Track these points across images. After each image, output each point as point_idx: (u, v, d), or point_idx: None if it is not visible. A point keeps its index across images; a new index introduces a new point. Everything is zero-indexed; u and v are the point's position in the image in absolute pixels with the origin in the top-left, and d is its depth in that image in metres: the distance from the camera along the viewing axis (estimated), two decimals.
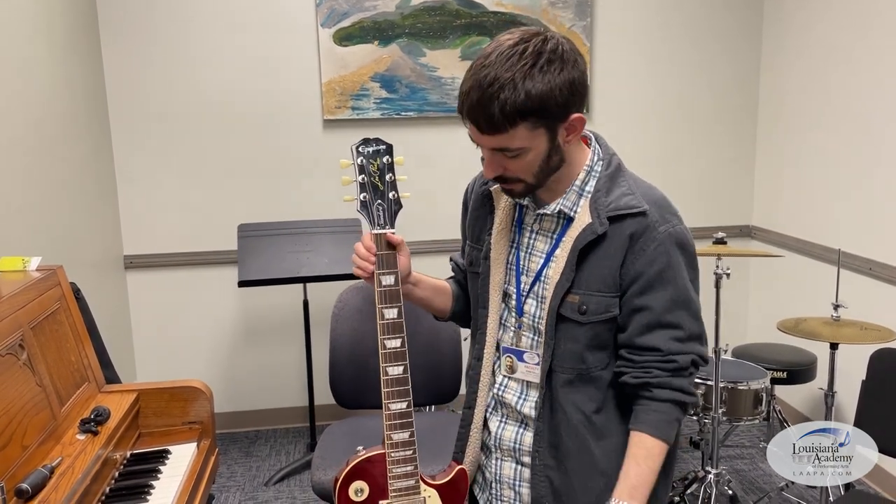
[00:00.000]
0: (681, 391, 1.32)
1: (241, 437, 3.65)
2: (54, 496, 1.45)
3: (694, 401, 1.35)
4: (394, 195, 1.41)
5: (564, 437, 1.36)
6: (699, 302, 1.35)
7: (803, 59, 3.45)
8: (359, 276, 1.42)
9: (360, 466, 1.46)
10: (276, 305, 3.59)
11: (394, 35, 3.46)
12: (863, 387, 2.34)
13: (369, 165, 1.40)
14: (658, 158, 3.73)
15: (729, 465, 3.24)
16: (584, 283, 1.30)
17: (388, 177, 1.41)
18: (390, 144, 1.41)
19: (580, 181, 1.33)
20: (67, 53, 2.93)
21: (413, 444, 1.44)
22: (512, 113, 1.18)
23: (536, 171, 1.27)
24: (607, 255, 1.29)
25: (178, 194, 3.45)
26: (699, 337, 1.34)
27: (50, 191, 2.69)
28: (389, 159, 1.41)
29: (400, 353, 1.40)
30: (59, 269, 1.95)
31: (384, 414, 1.42)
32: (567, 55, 1.21)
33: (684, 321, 1.31)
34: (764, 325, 3.73)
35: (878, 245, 3.00)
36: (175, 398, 2.02)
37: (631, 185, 1.32)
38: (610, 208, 1.29)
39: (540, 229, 1.38)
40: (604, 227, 1.28)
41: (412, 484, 1.45)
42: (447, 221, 3.56)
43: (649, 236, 1.28)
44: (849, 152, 3.17)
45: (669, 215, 1.31)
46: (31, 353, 1.66)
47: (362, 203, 1.40)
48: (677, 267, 1.30)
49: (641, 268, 1.28)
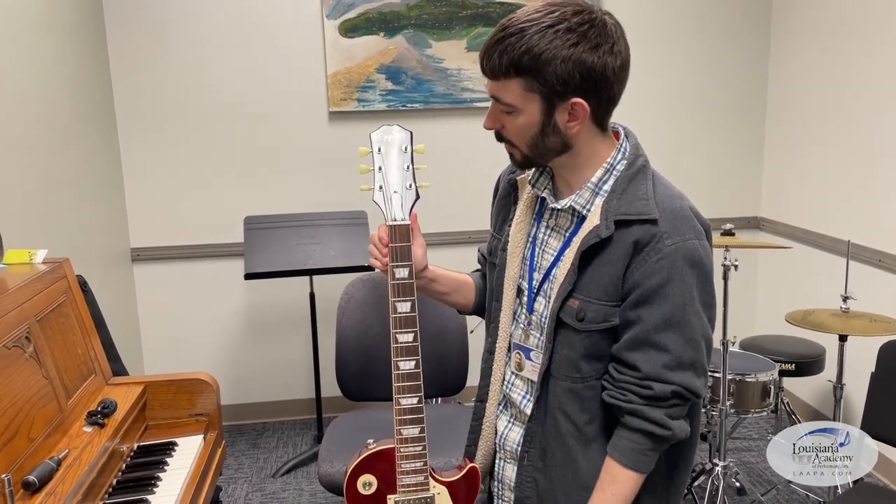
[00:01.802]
0: (654, 423, 1.21)
1: (248, 428, 3.66)
2: (61, 488, 1.45)
3: (668, 434, 1.22)
4: (411, 185, 1.37)
5: (553, 444, 1.31)
6: (706, 328, 1.23)
7: (812, 50, 3.41)
8: (374, 266, 1.40)
9: (370, 460, 1.44)
10: (283, 298, 3.60)
11: (399, 26, 3.44)
12: (872, 379, 2.32)
13: (387, 154, 1.36)
14: (666, 150, 3.71)
15: (737, 458, 3.23)
16: (584, 288, 1.24)
17: (407, 166, 1.37)
18: (410, 132, 1.37)
19: (597, 178, 1.26)
20: (73, 47, 2.93)
21: (423, 440, 1.41)
22: (508, 63, 1.17)
23: (529, 141, 1.23)
24: (610, 261, 1.22)
25: (185, 187, 3.45)
26: (692, 366, 1.22)
27: (57, 184, 2.69)
28: (409, 148, 1.37)
29: (412, 347, 1.37)
30: (65, 261, 1.95)
31: (395, 409, 1.39)
32: (594, 37, 1.15)
33: (674, 345, 1.20)
34: (772, 317, 3.71)
35: (888, 236, 2.97)
36: (182, 390, 2.02)
37: (650, 189, 1.23)
38: (619, 212, 1.21)
39: (555, 225, 1.33)
40: (609, 232, 1.21)
41: (421, 480, 1.43)
42: (453, 213, 3.56)
43: (654, 247, 1.19)
44: (858, 143, 3.14)
45: (686, 229, 1.21)
46: (37, 345, 1.66)
47: (379, 193, 1.36)
48: (680, 284, 1.19)
49: (640, 279, 1.20)
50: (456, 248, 3.53)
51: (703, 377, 1.25)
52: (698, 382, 1.23)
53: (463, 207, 3.54)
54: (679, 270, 1.19)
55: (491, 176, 1.54)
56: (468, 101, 3.53)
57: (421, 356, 1.38)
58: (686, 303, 1.20)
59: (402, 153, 1.36)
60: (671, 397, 1.22)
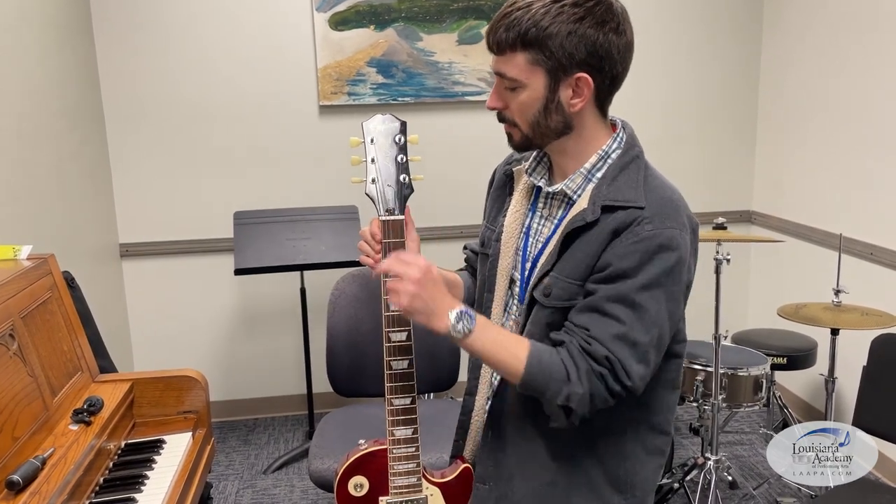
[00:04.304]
0: (575, 368, 1.17)
1: (239, 425, 3.63)
2: (46, 487, 1.43)
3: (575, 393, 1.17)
4: (405, 178, 1.32)
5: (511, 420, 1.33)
6: (662, 318, 1.19)
7: (804, 44, 3.41)
8: (365, 263, 1.36)
9: (361, 461, 1.41)
10: (274, 293, 3.57)
11: (390, 19, 3.41)
12: (864, 372, 2.32)
13: (381, 145, 1.31)
14: (659, 144, 3.69)
15: (729, 452, 3.23)
16: (560, 267, 1.24)
17: (400, 157, 1.32)
18: (404, 122, 1.32)
19: (590, 164, 1.26)
20: (60, 42, 2.89)
21: (416, 441, 1.38)
22: (514, 36, 1.18)
23: (531, 120, 1.23)
24: (589, 244, 1.21)
25: (174, 182, 3.42)
26: (635, 346, 1.17)
27: (43, 180, 2.65)
28: (402, 138, 1.32)
29: (405, 346, 1.33)
30: (50, 257, 1.93)
31: (387, 409, 1.36)
32: (601, 14, 1.17)
33: (626, 318, 1.17)
34: (764, 311, 3.71)
35: (880, 230, 2.97)
36: (170, 387, 2.00)
37: (640, 178, 1.23)
38: (608, 198, 1.21)
39: (548, 214, 1.33)
40: (595, 216, 1.20)
41: (414, 482, 1.40)
42: (445, 208, 3.55)
43: (633, 230, 1.18)
44: (850, 137, 3.14)
45: (670, 219, 1.19)
46: (21, 343, 1.64)
47: (371, 185, 1.32)
48: (648, 267, 1.16)
49: (611, 258, 1.18)
50: (447, 242, 3.51)
51: (643, 366, 1.19)
52: (636, 367, 1.18)
53: (454, 202, 3.52)
54: (650, 255, 1.17)
55: (482, 170, 1.53)
56: (459, 94, 3.51)
57: (414, 354, 1.35)
58: (649, 286, 1.17)
59: (396, 144, 1.32)
60: (603, 361, 1.17)
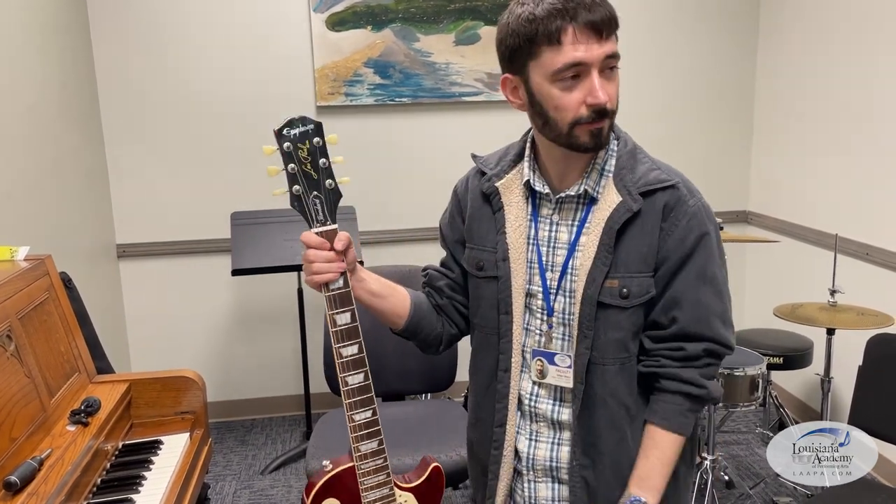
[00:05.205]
0: (689, 383, 1.26)
1: (236, 425, 3.63)
2: (43, 488, 1.44)
3: (704, 393, 1.27)
4: (330, 183, 1.23)
5: (604, 434, 1.29)
6: (726, 279, 1.30)
7: (801, 43, 3.42)
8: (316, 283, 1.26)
9: (329, 484, 1.39)
10: (271, 294, 3.57)
11: (387, 20, 3.42)
12: (859, 372, 2.33)
13: (298, 151, 1.21)
14: (655, 144, 3.65)
15: (725, 451, 3.24)
16: (622, 265, 1.24)
17: (322, 162, 1.22)
18: (319, 123, 1.22)
19: (600, 159, 1.27)
20: (57, 43, 2.89)
21: (383, 453, 1.36)
22: (614, 17, 1.17)
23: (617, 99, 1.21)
24: (643, 232, 1.23)
25: (171, 183, 3.42)
26: (722, 317, 1.28)
27: (40, 181, 2.65)
28: (320, 141, 1.21)
29: (359, 359, 1.30)
30: (47, 258, 1.93)
31: (349, 426, 1.33)
32: None
33: (707, 299, 1.26)
34: (760, 311, 3.72)
35: (876, 230, 2.98)
36: (167, 388, 2.00)
37: (650, 159, 1.29)
38: (640, 184, 1.24)
39: (560, 219, 1.30)
40: (638, 204, 1.23)
41: (387, 492, 1.39)
42: (443, 209, 3.54)
43: (681, 210, 1.24)
44: (846, 137, 3.14)
45: (694, 189, 1.28)
46: (19, 343, 1.64)
47: (295, 197, 1.22)
48: (707, 240, 1.25)
49: (675, 243, 1.24)
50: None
51: (731, 328, 1.31)
52: (727, 333, 1.29)
53: None
54: (705, 226, 1.25)
55: None
56: (456, 95, 3.51)
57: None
58: (712, 256, 1.26)
59: (315, 148, 1.22)
60: (703, 356, 1.27)
